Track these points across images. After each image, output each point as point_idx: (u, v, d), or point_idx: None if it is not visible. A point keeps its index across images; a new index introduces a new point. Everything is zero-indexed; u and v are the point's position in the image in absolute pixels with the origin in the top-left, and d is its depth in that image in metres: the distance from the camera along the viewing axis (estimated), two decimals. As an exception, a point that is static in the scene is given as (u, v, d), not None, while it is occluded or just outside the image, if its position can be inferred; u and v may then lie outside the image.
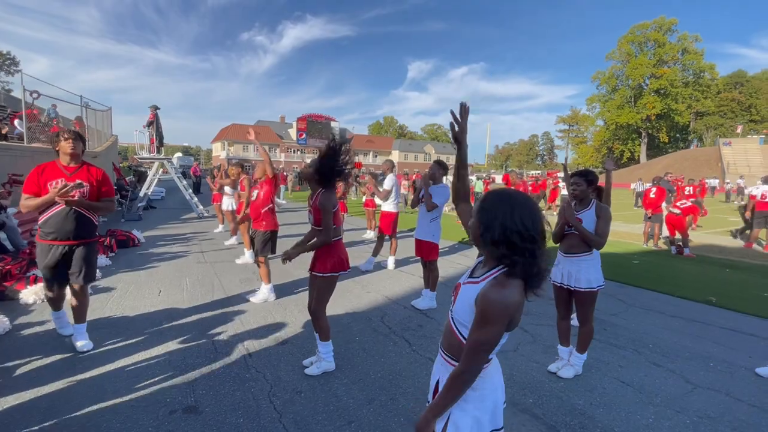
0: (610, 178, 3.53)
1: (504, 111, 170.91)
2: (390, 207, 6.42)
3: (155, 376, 2.86)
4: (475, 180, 16.39)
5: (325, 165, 2.77)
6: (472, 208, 1.55)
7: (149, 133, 12.02)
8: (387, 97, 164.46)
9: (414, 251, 4.68)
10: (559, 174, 18.39)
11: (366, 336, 3.70)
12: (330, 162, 2.76)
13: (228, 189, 7.94)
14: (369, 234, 9.09)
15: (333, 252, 2.87)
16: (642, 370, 3.17)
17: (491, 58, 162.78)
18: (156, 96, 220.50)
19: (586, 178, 3.01)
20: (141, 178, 14.71)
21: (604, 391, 2.84)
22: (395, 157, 64.72)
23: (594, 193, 3.06)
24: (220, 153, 57.91)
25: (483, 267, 1.28)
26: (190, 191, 12.89)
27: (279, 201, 14.98)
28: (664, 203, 8.70)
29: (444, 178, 4.60)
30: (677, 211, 8.10)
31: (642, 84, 55.79)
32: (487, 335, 1.16)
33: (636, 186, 20.06)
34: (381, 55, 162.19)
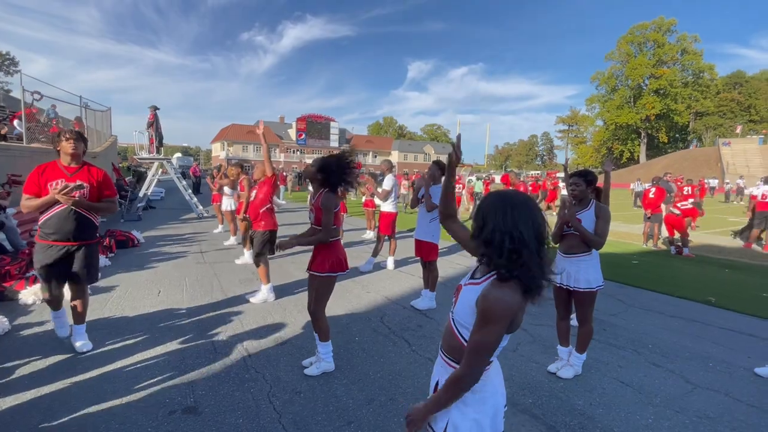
0: (608, 179, 3.53)
1: (503, 111, 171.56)
2: (389, 207, 6.42)
3: (154, 376, 2.86)
4: (475, 180, 16.40)
5: (333, 169, 2.82)
6: (460, 223, 1.58)
7: (149, 134, 12.02)
8: (387, 98, 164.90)
9: (413, 251, 4.68)
10: (559, 174, 18.41)
11: (365, 336, 3.70)
12: (340, 170, 2.82)
13: (227, 189, 7.93)
14: (368, 234, 9.09)
15: (332, 252, 2.88)
16: (641, 370, 3.18)
17: (491, 58, 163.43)
18: (156, 96, 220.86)
19: (585, 178, 3.02)
20: (140, 178, 14.73)
21: (603, 392, 2.85)
22: (395, 158, 64.72)
23: (593, 194, 3.07)
24: (219, 153, 57.94)
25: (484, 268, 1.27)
26: (189, 191, 12.90)
27: (278, 201, 14.98)
28: (663, 203, 8.71)
29: (443, 178, 4.60)
30: (677, 212, 8.11)
31: (641, 84, 55.84)
32: (488, 336, 1.15)
33: (635, 186, 20.06)
34: (381, 55, 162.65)
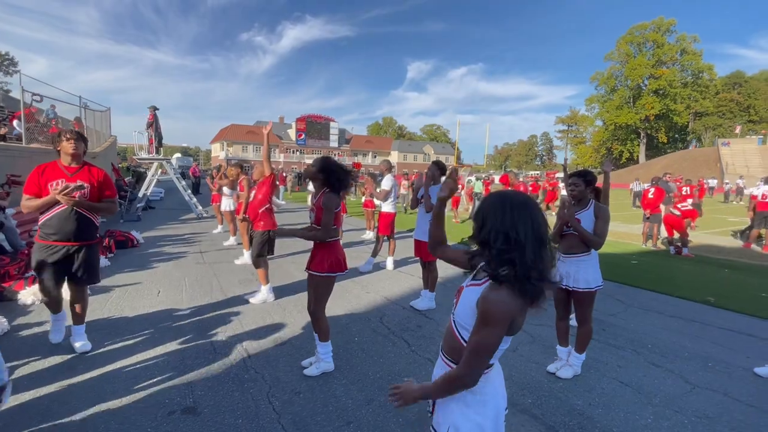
0: (608, 179, 3.54)
1: (503, 111, 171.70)
2: (388, 208, 6.42)
3: (154, 376, 2.86)
4: (475, 180, 16.39)
5: (333, 170, 2.86)
6: (449, 246, 1.57)
7: (148, 134, 12.01)
8: (386, 98, 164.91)
9: (413, 252, 4.68)
10: (558, 174, 18.39)
11: (365, 336, 3.70)
12: (340, 171, 2.87)
13: (226, 189, 7.93)
14: (368, 234, 9.09)
15: (331, 252, 2.88)
16: (641, 370, 3.18)
17: (490, 58, 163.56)
18: (155, 96, 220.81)
19: (584, 178, 3.03)
20: (139, 178, 14.72)
21: (602, 392, 2.85)
22: (394, 158, 64.76)
23: (592, 194, 3.07)
24: (219, 153, 57.94)
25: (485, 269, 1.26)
26: (189, 192, 12.89)
27: (278, 202, 14.97)
28: (662, 203, 8.70)
29: (443, 178, 4.61)
30: (677, 213, 8.11)
31: (641, 84, 55.88)
32: (488, 338, 1.14)
33: (634, 186, 20.07)
34: (380, 56, 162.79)
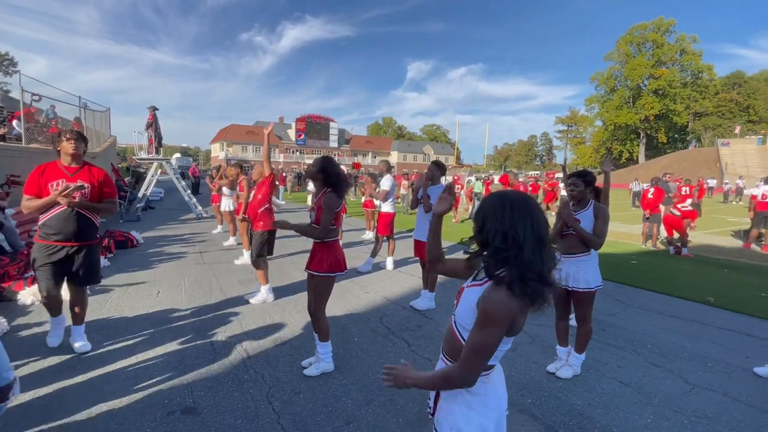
0: (608, 179, 3.54)
1: (503, 111, 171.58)
2: (387, 208, 6.42)
3: (153, 377, 2.86)
4: (475, 180, 16.40)
5: (334, 170, 2.89)
6: (446, 260, 1.52)
7: (148, 134, 12.01)
8: (386, 98, 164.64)
9: (413, 252, 4.69)
10: (558, 175, 18.37)
11: (365, 337, 3.70)
12: (339, 177, 2.92)
13: (226, 190, 7.93)
14: (368, 234, 9.09)
15: (330, 252, 2.88)
16: (640, 370, 3.18)
17: (490, 58, 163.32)
18: (155, 96, 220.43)
19: (583, 178, 3.03)
20: (139, 179, 14.71)
21: (602, 392, 2.85)
22: (394, 158, 64.83)
23: (592, 194, 3.07)
24: (219, 154, 57.94)
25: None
26: (188, 192, 12.89)
27: (278, 202, 14.97)
28: (662, 204, 8.70)
29: (442, 178, 4.60)
30: (677, 213, 8.11)
31: (640, 85, 55.88)
32: (488, 338, 1.12)
33: (633, 186, 20.09)
34: (380, 56, 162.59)
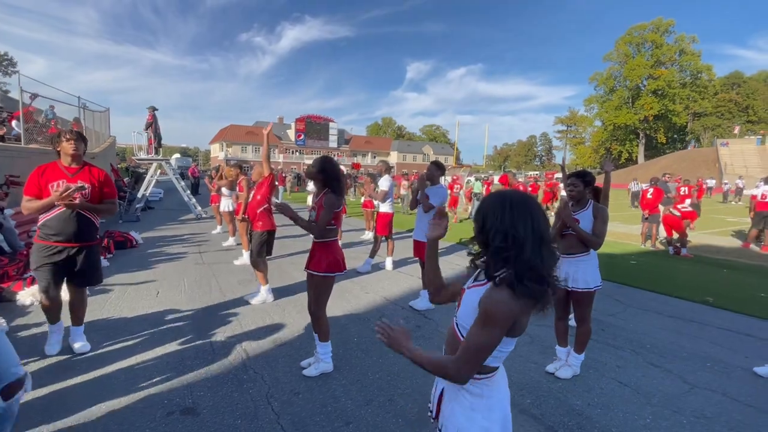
0: (608, 179, 3.54)
1: (502, 112, 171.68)
2: (386, 208, 6.43)
3: (153, 377, 2.86)
4: (474, 181, 16.40)
5: (332, 172, 2.90)
6: (447, 287, 1.45)
7: (147, 135, 12.01)
8: (386, 98, 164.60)
9: (412, 252, 4.69)
10: (557, 175, 18.36)
11: (364, 337, 3.70)
12: (339, 177, 2.93)
13: (225, 190, 7.92)
14: (368, 235, 9.09)
15: (329, 252, 2.89)
16: (639, 370, 3.19)
17: (490, 59, 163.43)
18: (154, 97, 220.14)
19: (583, 179, 3.03)
20: (138, 179, 14.70)
21: (601, 392, 2.85)
22: (394, 158, 64.86)
23: (591, 194, 3.07)
24: (218, 154, 57.88)
25: None
26: (188, 192, 12.88)
27: (277, 202, 14.95)
28: (661, 204, 8.70)
29: (442, 178, 4.61)
30: (677, 213, 8.11)
31: (639, 85, 55.93)
32: (486, 337, 1.10)
33: (632, 186, 20.11)
34: (379, 56, 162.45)
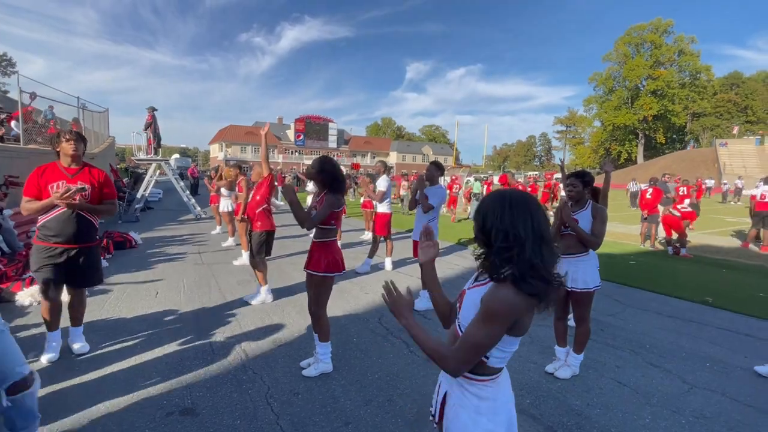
0: (608, 179, 3.54)
1: (501, 112, 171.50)
2: (384, 208, 6.42)
3: (152, 378, 2.85)
4: (473, 181, 16.40)
5: (331, 172, 2.87)
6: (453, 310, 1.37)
7: (147, 135, 11.99)
8: (385, 99, 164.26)
9: (411, 252, 4.69)
10: (557, 175, 18.37)
11: (363, 337, 3.70)
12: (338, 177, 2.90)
13: (224, 190, 7.91)
14: (367, 235, 9.09)
15: (328, 252, 2.89)
16: (639, 370, 3.19)
17: (489, 59, 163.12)
18: (153, 97, 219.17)
19: (582, 179, 3.04)
20: (137, 179, 14.68)
21: (601, 392, 2.85)
22: (393, 158, 64.88)
23: (589, 194, 3.08)
24: (217, 154, 57.86)
25: None
26: (187, 193, 12.87)
27: (277, 203, 14.95)
28: (660, 204, 8.71)
29: (441, 179, 4.61)
30: (677, 213, 8.12)
31: (639, 85, 55.97)
32: (486, 332, 1.09)
33: (630, 186, 20.10)
34: (379, 57, 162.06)
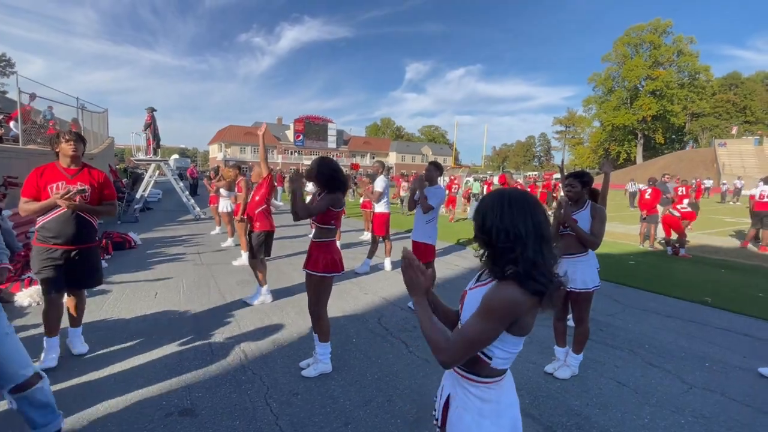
0: (608, 180, 3.55)
1: (501, 112, 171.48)
2: (382, 208, 6.42)
3: (151, 378, 2.85)
4: (473, 181, 16.42)
5: (328, 173, 2.86)
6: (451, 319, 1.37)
7: (146, 135, 11.98)
8: (385, 99, 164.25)
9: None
10: (556, 175, 18.37)
11: (362, 338, 3.70)
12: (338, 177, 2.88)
13: (224, 191, 7.91)
14: (366, 235, 9.08)
15: (326, 252, 2.89)
16: (638, 370, 3.19)
17: (489, 59, 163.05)
18: (153, 97, 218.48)
19: (581, 179, 3.04)
20: (136, 180, 14.67)
21: (600, 392, 2.86)
22: (392, 159, 64.89)
23: (588, 195, 3.08)
24: (217, 155, 57.82)
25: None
26: (186, 193, 12.86)
27: (276, 203, 14.96)
28: (659, 204, 8.71)
29: (440, 179, 4.61)
30: (677, 214, 8.13)
31: (638, 85, 56.02)
32: (484, 327, 1.07)
33: (629, 186, 20.11)
34: (378, 57, 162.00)
